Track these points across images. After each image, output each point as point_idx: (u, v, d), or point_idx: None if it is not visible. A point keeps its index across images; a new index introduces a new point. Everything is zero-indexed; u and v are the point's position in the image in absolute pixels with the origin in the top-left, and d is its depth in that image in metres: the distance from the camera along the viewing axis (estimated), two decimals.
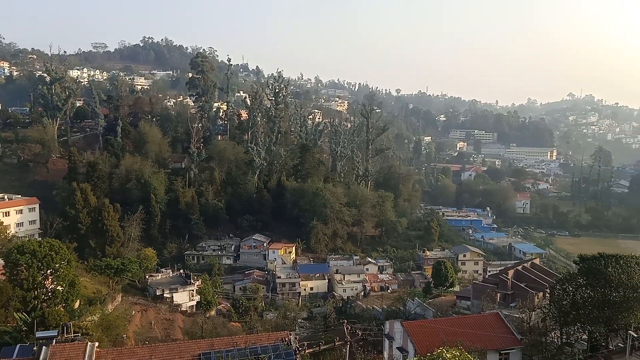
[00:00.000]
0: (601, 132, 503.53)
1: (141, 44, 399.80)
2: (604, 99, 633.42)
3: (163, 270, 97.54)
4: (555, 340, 46.65)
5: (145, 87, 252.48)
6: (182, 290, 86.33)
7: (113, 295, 74.71)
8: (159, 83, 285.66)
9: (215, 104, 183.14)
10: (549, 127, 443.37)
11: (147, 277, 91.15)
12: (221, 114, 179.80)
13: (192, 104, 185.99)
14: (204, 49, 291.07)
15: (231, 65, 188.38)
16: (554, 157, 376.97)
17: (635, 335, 36.57)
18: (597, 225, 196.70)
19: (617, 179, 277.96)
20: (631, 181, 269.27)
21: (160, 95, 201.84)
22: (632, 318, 38.91)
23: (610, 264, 41.18)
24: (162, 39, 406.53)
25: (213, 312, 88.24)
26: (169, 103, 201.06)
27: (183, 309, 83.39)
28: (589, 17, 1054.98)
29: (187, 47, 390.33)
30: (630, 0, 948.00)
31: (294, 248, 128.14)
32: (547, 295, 59.63)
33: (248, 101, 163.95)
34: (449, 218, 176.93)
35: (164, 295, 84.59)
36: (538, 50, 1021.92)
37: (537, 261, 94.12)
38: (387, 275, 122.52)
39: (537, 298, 68.38)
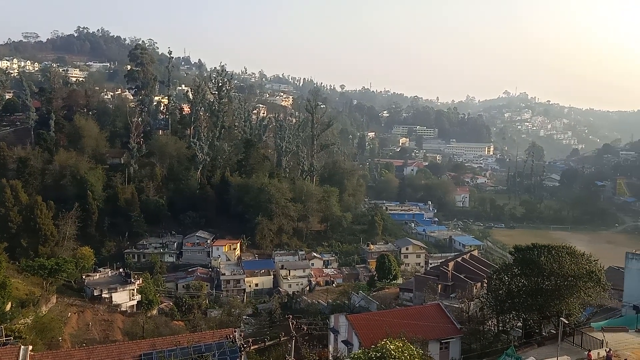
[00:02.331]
0: (534, 128, 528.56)
1: (75, 34, 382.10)
2: (537, 96, 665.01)
3: (101, 269, 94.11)
4: (493, 328, 48.34)
5: (81, 79, 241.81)
6: (121, 289, 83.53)
7: (47, 297, 71.57)
8: (95, 75, 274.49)
9: (156, 98, 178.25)
10: (487, 124, 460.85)
11: (83, 277, 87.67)
12: (162, 108, 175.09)
13: (131, 98, 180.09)
14: (143, 41, 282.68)
15: (172, 58, 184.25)
16: (491, 153, 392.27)
17: (567, 322, 38.30)
18: (530, 218, 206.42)
19: (549, 173, 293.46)
20: (562, 175, 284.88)
21: (96, 88, 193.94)
22: (563, 305, 40.64)
23: (543, 254, 42.86)
24: (98, 29, 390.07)
25: (155, 312, 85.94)
26: (106, 96, 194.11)
27: (123, 309, 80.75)
28: (521, 19, 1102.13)
29: (125, 38, 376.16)
30: (560, 1, 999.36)
31: (238, 244, 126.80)
32: (485, 285, 61.78)
33: (190, 95, 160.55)
34: (392, 212, 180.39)
35: (102, 295, 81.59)
36: (473, 50, 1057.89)
37: (475, 253, 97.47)
38: (332, 269, 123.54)
39: (476, 288, 70.78)
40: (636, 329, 44.09)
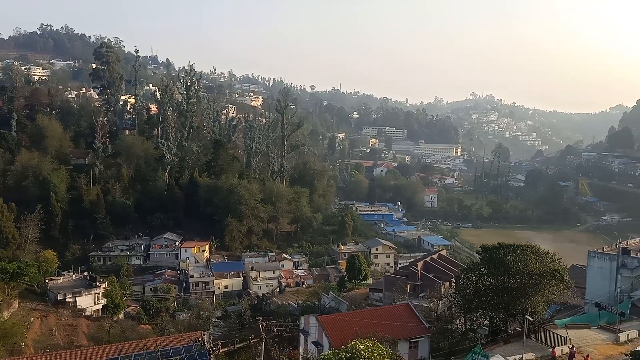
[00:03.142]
0: (500, 129, 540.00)
1: (39, 32, 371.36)
2: (503, 98, 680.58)
3: (65, 273, 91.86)
4: (460, 326, 49.06)
5: (44, 77, 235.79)
6: (86, 293, 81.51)
7: (9, 302, 69.46)
8: (58, 74, 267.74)
9: (122, 97, 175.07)
10: (454, 125, 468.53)
11: (47, 281, 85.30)
12: (129, 107, 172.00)
13: (97, 97, 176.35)
14: (108, 39, 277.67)
15: (139, 56, 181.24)
16: (459, 153, 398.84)
17: (532, 320, 39.14)
18: (497, 217, 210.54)
19: (515, 173, 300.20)
20: (526, 176, 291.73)
21: (60, 87, 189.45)
22: (528, 303, 41.49)
23: (509, 253, 43.68)
24: (62, 27, 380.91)
25: (121, 316, 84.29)
26: (70, 95, 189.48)
27: (88, 313, 78.93)
28: (489, 22, 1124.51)
29: (90, 36, 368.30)
30: (527, 6, 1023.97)
31: (207, 246, 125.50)
32: (453, 284, 62.65)
33: (158, 95, 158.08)
34: (362, 213, 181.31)
35: (66, 299, 79.44)
36: (442, 51, 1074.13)
37: (443, 252, 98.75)
38: (303, 270, 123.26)
39: (444, 287, 71.74)
40: (598, 325, 45.41)
